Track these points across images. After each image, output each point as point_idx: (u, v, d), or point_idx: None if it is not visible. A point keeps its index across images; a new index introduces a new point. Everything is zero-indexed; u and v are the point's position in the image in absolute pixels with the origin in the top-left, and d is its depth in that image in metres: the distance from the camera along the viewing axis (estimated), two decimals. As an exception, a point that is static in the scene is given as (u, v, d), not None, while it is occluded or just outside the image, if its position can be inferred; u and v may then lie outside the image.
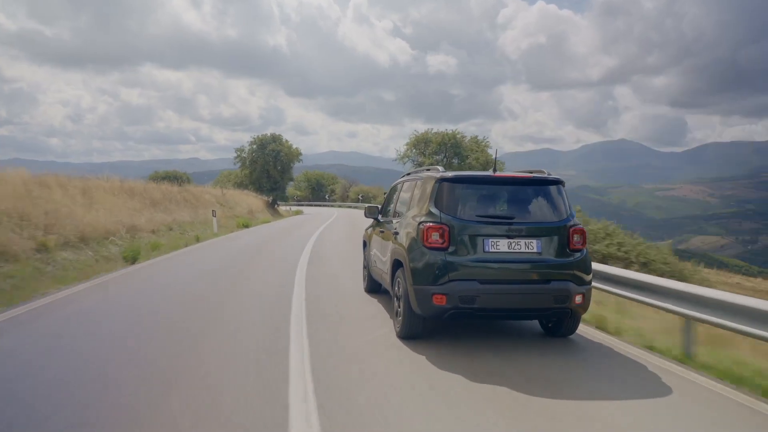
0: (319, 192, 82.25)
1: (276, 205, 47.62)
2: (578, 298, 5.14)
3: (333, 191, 78.66)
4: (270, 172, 50.33)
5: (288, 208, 55.37)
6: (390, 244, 6.25)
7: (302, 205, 68.60)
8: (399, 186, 7.10)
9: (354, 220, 29.46)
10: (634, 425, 3.66)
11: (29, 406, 3.69)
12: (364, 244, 8.54)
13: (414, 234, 5.37)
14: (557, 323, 5.79)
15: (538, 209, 5.40)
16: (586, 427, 3.58)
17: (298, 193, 78.34)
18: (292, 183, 58.20)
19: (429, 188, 5.57)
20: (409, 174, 7.05)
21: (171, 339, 5.49)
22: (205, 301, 7.43)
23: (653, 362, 5.11)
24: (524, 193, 5.52)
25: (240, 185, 49.60)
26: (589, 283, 5.35)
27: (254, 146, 50.91)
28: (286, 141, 51.59)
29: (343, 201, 72.00)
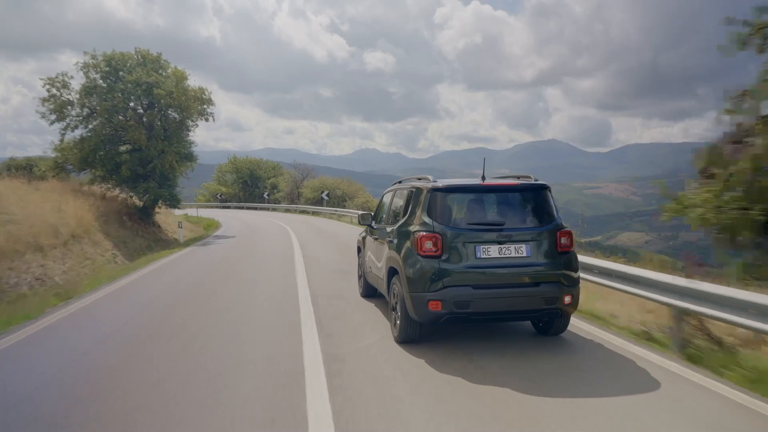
0: (253, 188, 59.21)
1: (153, 214, 24.44)
2: (567, 299, 5.37)
3: (275, 187, 55.27)
4: (134, 137, 22.19)
5: (193, 212, 37.73)
6: (385, 252, 6.40)
7: (228, 206, 54.45)
8: (392, 193, 7.21)
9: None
10: (626, 423, 3.82)
11: None
12: (359, 250, 8.75)
13: (408, 243, 5.57)
14: (548, 323, 6.03)
15: (527, 214, 5.64)
16: (580, 426, 3.74)
17: (223, 189, 59.88)
18: (192, 166, 27.12)
19: (421, 198, 5.73)
20: (400, 182, 7.22)
21: None
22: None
23: (641, 357, 5.36)
24: (512, 199, 5.74)
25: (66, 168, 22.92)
26: (577, 282, 5.58)
27: (93, 73, 22.19)
28: (175, 69, 24.00)
29: (292, 202, 47.95)
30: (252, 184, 60.62)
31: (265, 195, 53.61)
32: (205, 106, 24.72)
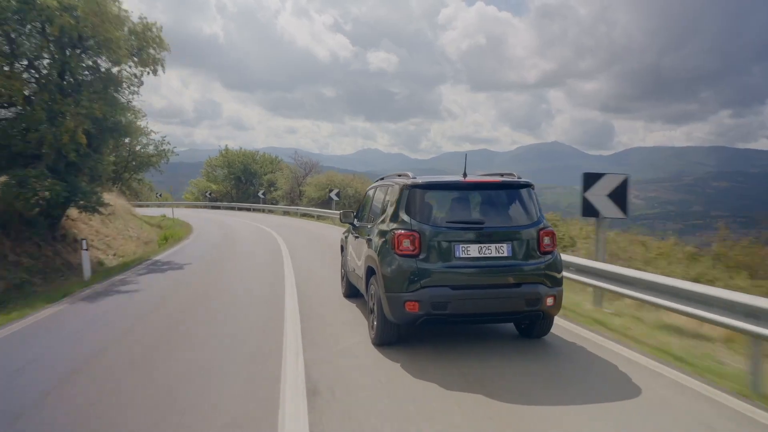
0: (247, 186, 51.71)
1: (59, 222, 15.27)
2: (549, 300, 5.24)
3: (272, 185, 47.35)
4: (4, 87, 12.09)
5: (177, 213, 33.49)
6: (364, 251, 6.26)
7: (217, 207, 47.98)
8: (373, 191, 7.07)
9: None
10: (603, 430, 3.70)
11: None
12: (342, 249, 8.58)
13: (385, 241, 5.44)
14: (530, 325, 5.88)
15: (509, 213, 5.49)
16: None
17: (213, 186, 52.69)
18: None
19: (399, 194, 5.60)
20: (382, 179, 7.03)
21: None
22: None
23: (624, 359, 5.27)
24: (494, 197, 5.58)
25: None
26: (560, 284, 5.43)
27: None
28: None
29: (292, 203, 40.83)
30: (246, 181, 52.79)
31: (260, 194, 44.51)
32: (151, 50, 15.16)
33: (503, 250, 5.23)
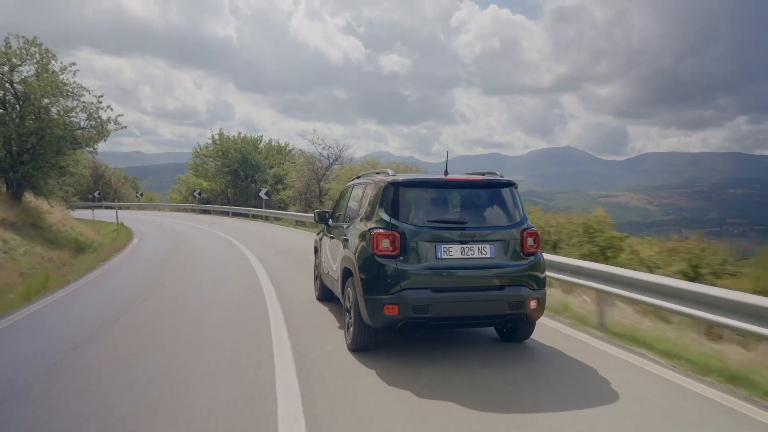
0: (247, 183, 41.47)
1: None
2: (533, 304, 5.11)
3: (280, 181, 36.49)
4: None
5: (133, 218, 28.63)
6: (340, 252, 6.09)
7: (207, 211, 37.41)
8: (349, 189, 6.90)
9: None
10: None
11: None
12: (315, 250, 8.40)
13: (363, 241, 5.25)
14: (512, 329, 5.75)
15: (492, 213, 5.36)
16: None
17: (203, 183, 43.04)
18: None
19: (379, 192, 5.42)
20: (359, 177, 6.83)
21: None
22: None
23: (604, 365, 5.10)
24: (477, 196, 5.44)
25: None
26: (544, 286, 5.32)
27: None
28: None
29: (309, 207, 29.88)
30: (246, 177, 41.63)
31: (262, 193, 32.00)
32: None
33: (486, 250, 5.07)
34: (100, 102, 19.46)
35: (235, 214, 34.32)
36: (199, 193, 40.88)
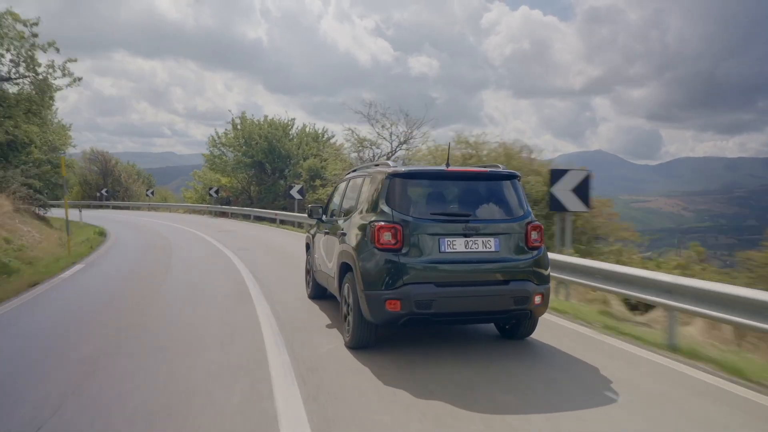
0: (275, 178, 35.03)
1: None
2: (537, 299, 5.08)
3: (318, 175, 28.90)
4: None
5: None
6: (337, 246, 5.98)
7: (224, 212, 32.39)
8: (345, 183, 6.79)
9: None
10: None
11: None
12: (307, 247, 8.27)
13: (364, 234, 5.18)
14: (515, 325, 5.70)
15: (495, 205, 5.31)
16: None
17: (222, 180, 37.10)
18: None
19: (379, 184, 5.35)
20: (355, 170, 6.85)
21: None
22: None
23: (605, 366, 5.01)
24: (480, 188, 5.42)
25: None
26: (548, 281, 5.30)
27: None
28: None
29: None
30: (273, 171, 34.58)
31: (294, 191, 24.74)
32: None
33: (491, 244, 5.04)
34: (35, 36, 12.08)
35: (259, 218, 28.66)
36: (216, 191, 34.71)
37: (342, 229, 5.85)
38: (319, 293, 7.64)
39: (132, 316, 7.23)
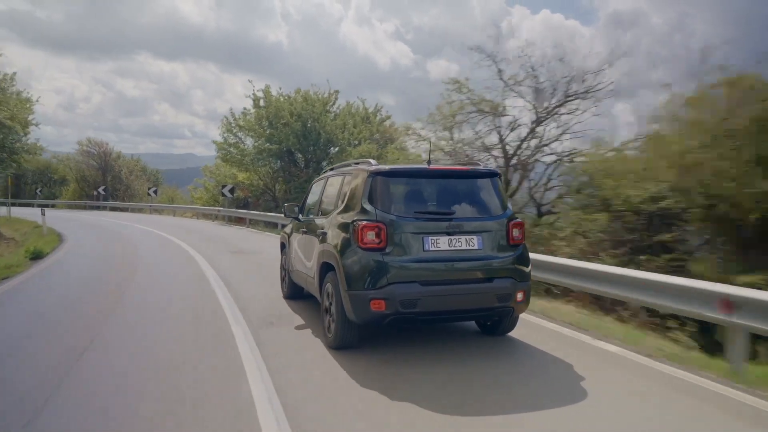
0: (308, 172, 25.90)
1: None
2: (520, 296, 5.14)
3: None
4: None
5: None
6: (316, 246, 5.89)
7: (240, 216, 24.35)
8: (323, 181, 6.73)
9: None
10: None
11: None
12: (282, 246, 8.00)
13: (347, 234, 5.13)
14: (497, 322, 5.75)
15: (477, 203, 5.35)
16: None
17: (239, 176, 29.07)
18: None
19: (361, 183, 5.31)
20: (332, 168, 6.84)
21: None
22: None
23: (580, 361, 5.03)
24: (462, 187, 5.45)
25: None
26: (529, 279, 5.34)
27: None
28: None
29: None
30: (307, 162, 26.51)
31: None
32: None
33: (474, 242, 5.04)
34: None
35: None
36: (231, 190, 25.97)
37: (322, 228, 5.75)
38: (295, 293, 7.44)
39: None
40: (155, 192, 36.68)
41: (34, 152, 23.65)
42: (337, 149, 26.17)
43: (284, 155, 26.68)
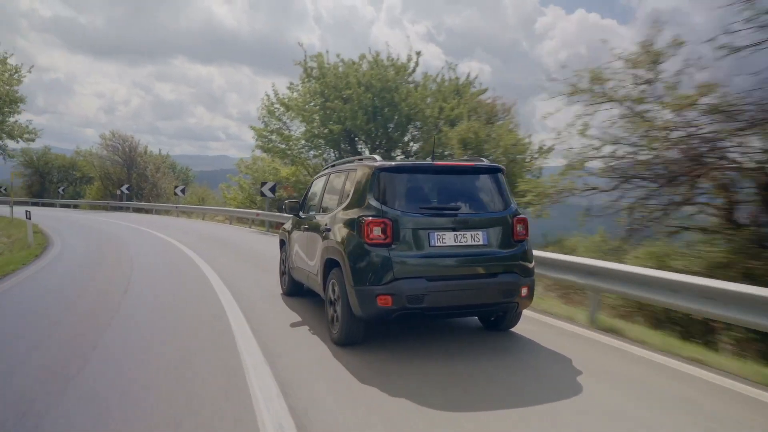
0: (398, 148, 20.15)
1: None
2: (524, 291, 5.13)
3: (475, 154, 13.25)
4: None
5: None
6: (320, 243, 5.82)
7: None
8: (325, 178, 6.65)
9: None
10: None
11: None
12: (282, 243, 7.95)
13: (352, 230, 5.08)
14: (500, 317, 5.74)
15: (482, 199, 5.32)
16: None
17: (282, 171, 24.24)
18: None
19: (366, 179, 5.25)
20: (334, 165, 6.68)
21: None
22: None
23: (578, 357, 5.01)
24: (466, 182, 5.41)
25: None
26: (533, 274, 5.31)
27: None
28: None
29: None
30: (381, 141, 20.76)
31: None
32: None
33: (479, 237, 5.01)
34: None
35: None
36: (272, 189, 20.37)
37: (326, 225, 5.71)
38: (294, 290, 7.52)
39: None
40: (183, 191, 31.26)
41: (21, 135, 18.35)
42: (418, 128, 19.58)
43: (342, 141, 20.44)
